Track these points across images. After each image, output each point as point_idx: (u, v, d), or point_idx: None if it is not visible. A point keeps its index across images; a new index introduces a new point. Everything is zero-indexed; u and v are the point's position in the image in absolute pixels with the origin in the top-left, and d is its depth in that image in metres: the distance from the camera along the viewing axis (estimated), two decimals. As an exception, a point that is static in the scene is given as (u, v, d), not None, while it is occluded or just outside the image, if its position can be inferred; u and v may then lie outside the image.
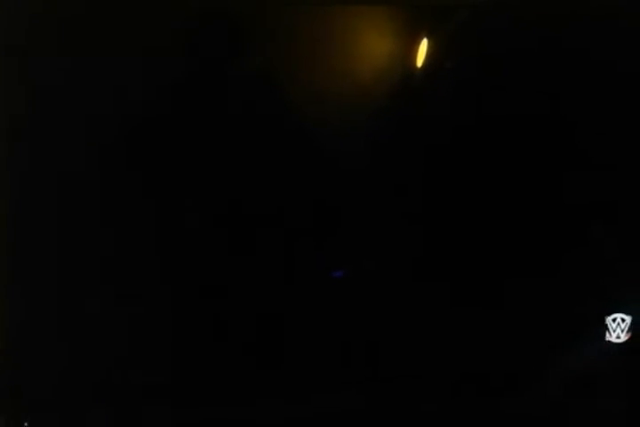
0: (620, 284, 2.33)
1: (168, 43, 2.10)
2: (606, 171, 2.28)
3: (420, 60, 2.20)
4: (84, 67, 2.05)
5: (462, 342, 2.30)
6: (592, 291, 2.33)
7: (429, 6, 2.16)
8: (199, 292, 2.20)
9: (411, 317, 2.27)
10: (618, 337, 2.34)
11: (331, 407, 2.20)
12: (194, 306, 2.19)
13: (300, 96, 2.18)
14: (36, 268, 2.09)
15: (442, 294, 2.28)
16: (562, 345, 2.35)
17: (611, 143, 2.25)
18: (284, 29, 2.15)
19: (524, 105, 2.21)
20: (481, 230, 2.29)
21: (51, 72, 2.04)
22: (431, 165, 2.24)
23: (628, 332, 2.33)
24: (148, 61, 2.10)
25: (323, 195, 2.24)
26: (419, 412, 2.27)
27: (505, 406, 2.32)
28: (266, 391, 2.20)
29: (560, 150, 2.24)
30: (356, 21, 2.17)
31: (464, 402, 2.30)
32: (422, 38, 2.19)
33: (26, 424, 2.07)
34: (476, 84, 2.21)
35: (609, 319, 2.35)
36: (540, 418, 2.31)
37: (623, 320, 2.33)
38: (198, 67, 2.14)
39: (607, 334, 2.35)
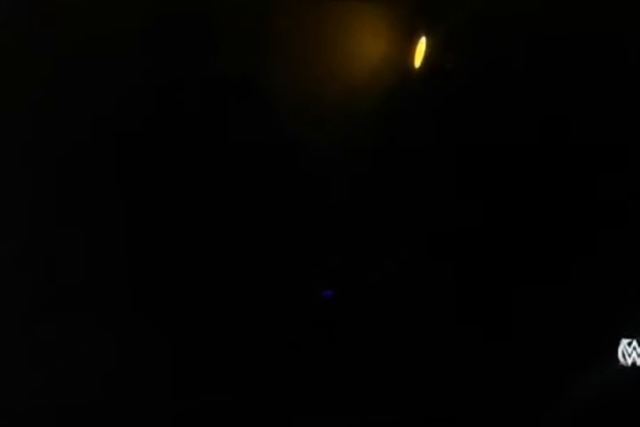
0: (638, 304, 2.17)
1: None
2: (632, 199, 2.15)
3: (417, 59, 2.07)
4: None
5: (476, 365, 2.18)
6: (607, 314, 2.17)
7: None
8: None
9: (425, 336, 2.18)
10: (633, 363, 2.16)
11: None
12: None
13: (289, 96, 2.09)
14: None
15: (461, 318, 2.19)
16: (575, 370, 2.20)
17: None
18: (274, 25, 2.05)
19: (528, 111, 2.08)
20: (495, 251, 2.18)
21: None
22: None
23: (643, 356, 2.15)
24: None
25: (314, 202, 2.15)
26: None
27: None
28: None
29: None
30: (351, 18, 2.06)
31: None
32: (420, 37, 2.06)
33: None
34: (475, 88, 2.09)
35: (624, 343, 2.18)
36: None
37: (640, 344, 2.16)
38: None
39: (621, 359, 2.17)
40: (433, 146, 2.14)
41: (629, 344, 2.16)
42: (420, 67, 2.10)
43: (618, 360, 2.17)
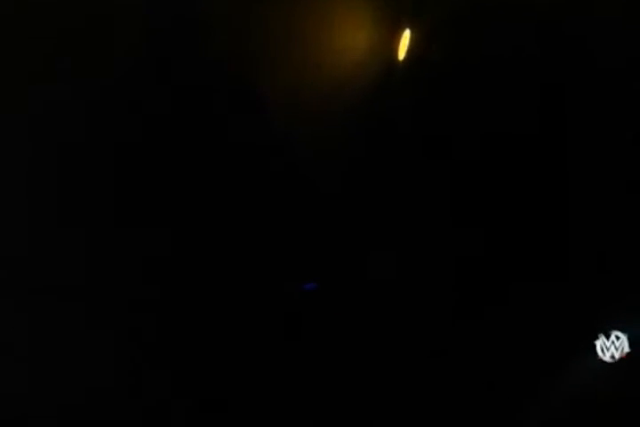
0: (615, 298, 2.14)
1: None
2: (613, 197, 2.16)
3: (401, 52, 2.11)
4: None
5: (454, 359, 2.22)
6: (584, 306, 2.16)
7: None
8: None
9: (408, 335, 2.23)
10: (612, 356, 2.15)
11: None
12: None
13: (273, 88, 2.05)
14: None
15: (439, 313, 2.22)
16: (551, 365, 2.20)
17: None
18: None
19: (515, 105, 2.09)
20: (478, 249, 2.21)
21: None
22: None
23: (622, 351, 2.13)
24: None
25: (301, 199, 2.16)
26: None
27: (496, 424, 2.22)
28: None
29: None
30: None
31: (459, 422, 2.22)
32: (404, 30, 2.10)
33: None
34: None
35: (602, 337, 2.17)
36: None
37: (618, 338, 2.14)
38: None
39: (600, 353, 2.16)
40: (419, 137, 2.17)
41: (607, 338, 2.15)
42: (404, 59, 2.13)
43: (596, 355, 2.16)
